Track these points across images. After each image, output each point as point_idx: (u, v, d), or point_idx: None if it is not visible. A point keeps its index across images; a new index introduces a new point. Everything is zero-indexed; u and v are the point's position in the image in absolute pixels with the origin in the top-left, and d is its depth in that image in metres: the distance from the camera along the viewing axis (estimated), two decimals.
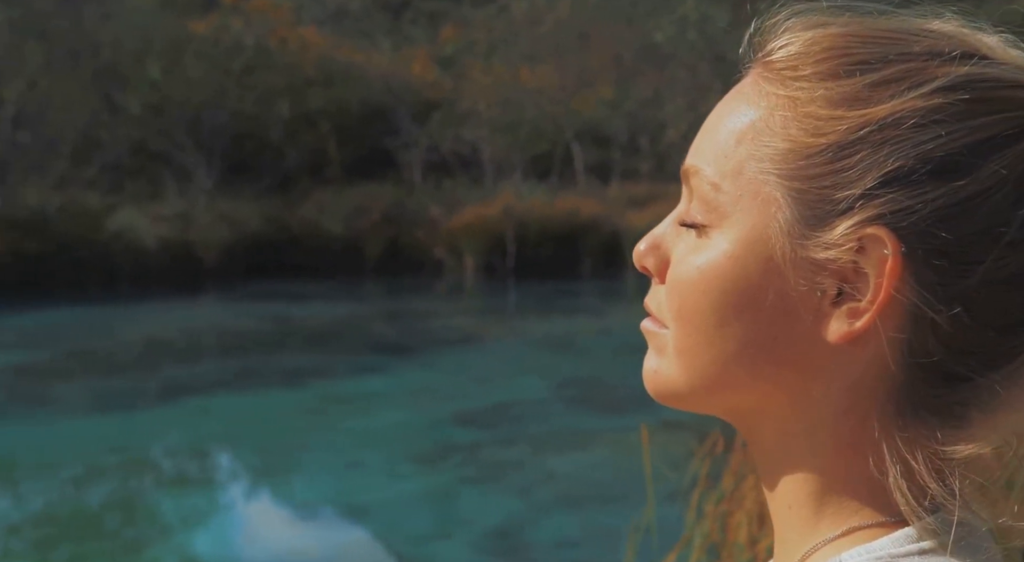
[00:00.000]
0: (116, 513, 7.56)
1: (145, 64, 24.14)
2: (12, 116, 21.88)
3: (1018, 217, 0.62)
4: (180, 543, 6.89)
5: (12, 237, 19.10)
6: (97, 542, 6.85)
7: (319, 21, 29.55)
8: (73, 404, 10.95)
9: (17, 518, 7.42)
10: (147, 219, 20.59)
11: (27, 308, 16.96)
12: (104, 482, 8.19)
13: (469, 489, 8.02)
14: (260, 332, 15.61)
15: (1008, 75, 0.64)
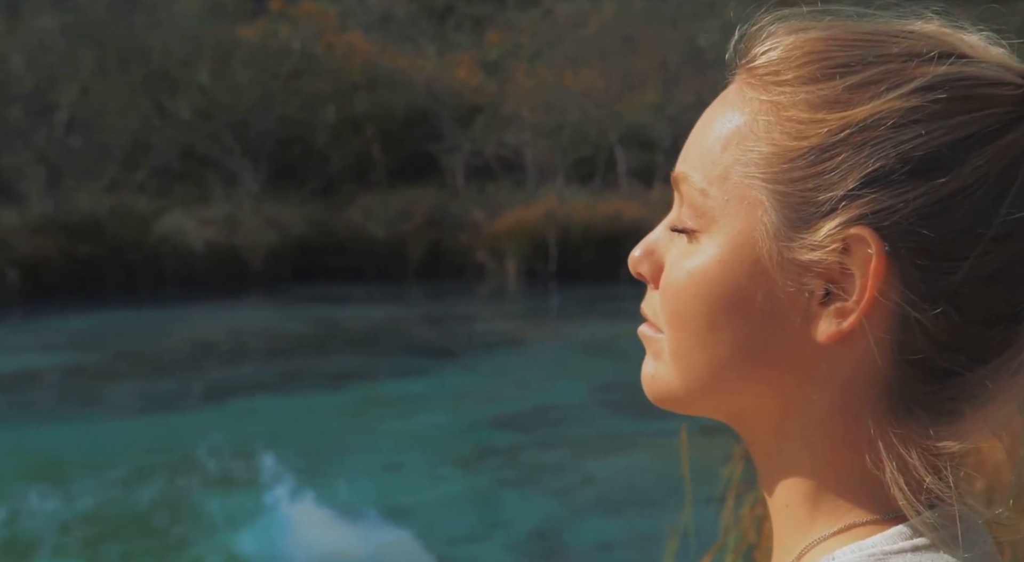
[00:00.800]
0: (163, 512, 7.66)
1: (194, 69, 24.44)
2: (65, 121, 22.25)
3: (1001, 213, 0.62)
4: (225, 542, 6.96)
5: (65, 240, 19.42)
6: (144, 540, 6.95)
7: (365, 27, 29.72)
8: (121, 405, 11.11)
9: (68, 516, 7.55)
10: (195, 222, 20.82)
11: (78, 310, 17.22)
12: (151, 482, 8.29)
13: (508, 492, 8.03)
14: (304, 335, 15.73)
15: (987, 73, 0.64)
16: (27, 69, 22.32)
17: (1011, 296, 0.64)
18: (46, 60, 22.41)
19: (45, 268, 18.78)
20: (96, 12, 23.55)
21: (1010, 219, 0.62)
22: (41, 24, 22.77)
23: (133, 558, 6.65)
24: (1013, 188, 0.63)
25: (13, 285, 18.48)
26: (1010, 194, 0.62)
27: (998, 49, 0.67)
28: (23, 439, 9.53)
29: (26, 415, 10.61)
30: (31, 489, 8.22)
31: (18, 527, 7.40)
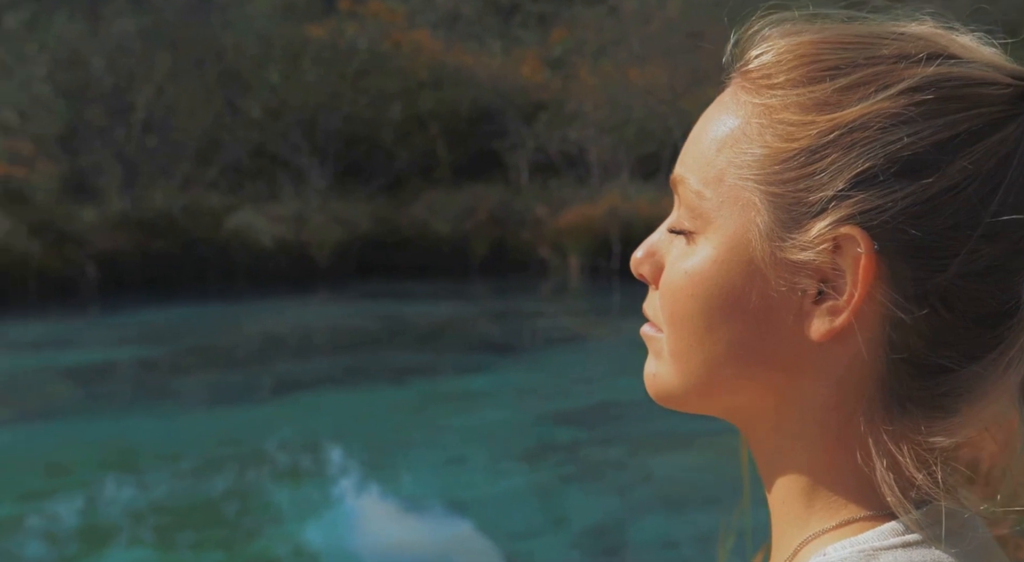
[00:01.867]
0: (232, 503, 7.81)
1: (265, 69, 24.82)
2: (142, 121, 22.77)
3: (989, 211, 0.62)
4: (292, 533, 7.07)
5: (140, 237, 19.88)
6: (214, 530, 7.08)
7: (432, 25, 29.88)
8: (193, 397, 11.35)
9: (141, 506, 7.74)
10: (264, 219, 21.15)
11: (152, 304, 17.58)
12: (221, 473, 8.45)
13: (569, 487, 8.06)
14: (369, 330, 15.86)
15: (975, 73, 0.64)
16: (106, 70, 22.90)
17: (1001, 293, 0.64)
18: (124, 61, 22.97)
19: (121, 263, 19.25)
20: (172, 14, 24.06)
21: (999, 218, 0.63)
22: (120, 27, 23.33)
23: (204, 547, 6.79)
24: (1002, 187, 0.63)
25: (91, 280, 18.98)
26: (999, 193, 0.63)
27: (990, 49, 0.67)
28: (99, 430, 9.78)
29: (102, 407, 10.87)
30: (107, 478, 8.44)
31: (95, 515, 7.64)
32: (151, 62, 22.97)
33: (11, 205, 19.54)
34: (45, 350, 14.27)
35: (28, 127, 22.31)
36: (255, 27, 25.50)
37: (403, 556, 6.85)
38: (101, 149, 22.20)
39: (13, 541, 6.90)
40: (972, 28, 0.68)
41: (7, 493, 7.87)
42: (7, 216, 19.11)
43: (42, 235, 18.99)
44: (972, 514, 0.68)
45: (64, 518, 7.58)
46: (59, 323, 16.52)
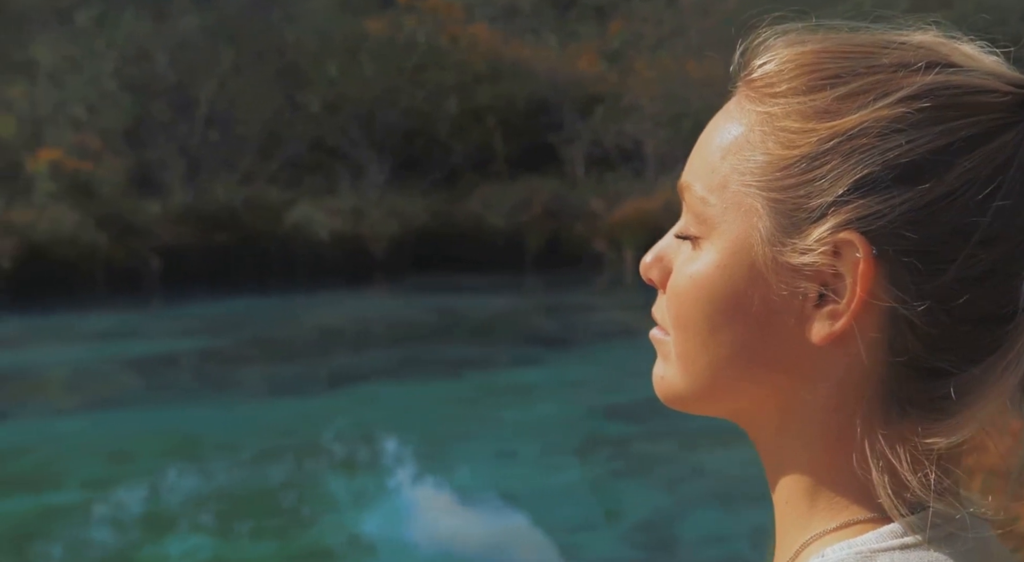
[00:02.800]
0: (289, 492, 7.96)
1: (324, 63, 25.04)
2: (205, 116, 23.13)
3: (987, 217, 0.63)
4: (347, 523, 7.20)
5: (202, 230, 20.22)
6: (272, 519, 7.25)
7: (490, 18, 29.92)
8: (252, 388, 11.57)
9: (201, 494, 7.93)
10: (323, 213, 21.36)
11: (214, 297, 17.86)
12: (278, 463, 8.60)
13: (620, 482, 8.08)
14: (425, 323, 15.98)
15: (973, 81, 0.65)
16: (171, 66, 23.30)
17: (999, 297, 0.64)
18: (188, 57, 23.34)
19: (184, 256, 19.60)
20: (234, 10, 24.39)
21: (996, 223, 0.63)
22: (185, 23, 23.72)
23: (262, 535, 6.94)
24: (999, 193, 0.63)
25: (155, 272, 19.37)
26: (996, 199, 0.63)
27: (992, 58, 0.68)
28: (162, 419, 10.01)
29: (165, 396, 11.13)
30: (169, 466, 8.64)
31: (157, 503, 7.85)
32: (214, 58, 23.31)
33: (79, 198, 19.99)
34: (111, 341, 14.63)
35: (96, 122, 22.77)
36: (315, 22, 25.74)
37: (455, 547, 6.92)
38: (165, 143, 22.59)
39: (79, 527, 7.13)
40: (974, 37, 0.69)
41: (73, 480, 8.12)
42: (75, 209, 19.56)
43: (108, 228, 19.42)
44: (974, 516, 0.68)
45: (127, 505, 7.79)
46: (124, 314, 16.90)
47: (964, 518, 0.66)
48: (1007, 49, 0.69)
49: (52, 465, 8.54)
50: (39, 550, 6.76)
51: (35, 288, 17.85)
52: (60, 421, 10.18)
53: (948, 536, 0.65)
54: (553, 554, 6.83)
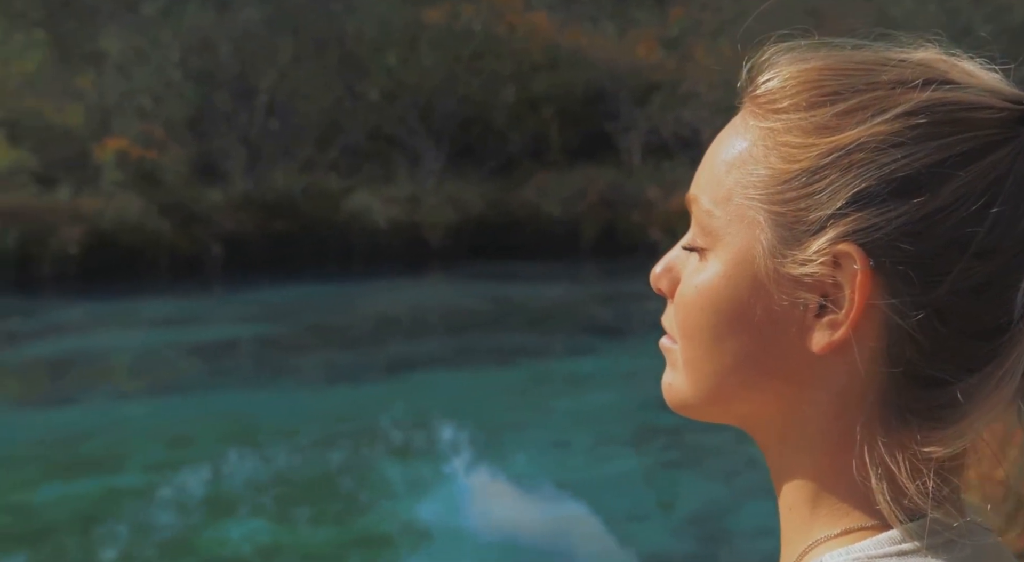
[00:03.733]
0: (347, 478, 8.08)
1: (384, 53, 25.20)
2: (265, 105, 23.42)
3: (982, 231, 0.64)
4: (402, 509, 7.29)
5: (262, 217, 20.49)
6: (330, 503, 7.37)
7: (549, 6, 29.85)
8: (310, 375, 11.72)
9: (260, 479, 8.09)
10: (380, 201, 21.52)
11: (273, 284, 18.13)
12: (336, 449, 8.72)
13: (672, 473, 8.07)
14: (480, 311, 16.04)
15: (969, 98, 0.66)
16: (233, 56, 23.61)
17: (994, 309, 0.65)
18: (250, 47, 23.63)
19: (244, 243, 19.89)
20: (295, 1, 24.64)
21: (991, 236, 0.64)
22: (246, 14, 24.01)
23: (318, 520, 7.06)
24: (994, 207, 0.64)
25: (216, 259, 19.69)
26: (991, 213, 0.64)
27: (991, 75, 0.69)
28: (222, 404, 10.20)
29: (225, 382, 11.34)
30: (228, 451, 8.81)
31: (217, 486, 8.02)
32: (275, 48, 23.57)
33: (144, 187, 20.37)
34: (174, 327, 14.92)
35: (161, 112, 23.16)
36: (374, 12, 25.90)
37: (509, 535, 6.97)
38: (227, 133, 22.89)
39: (141, 509, 7.30)
40: (974, 54, 0.70)
41: (136, 463, 8.31)
42: (140, 197, 19.95)
43: (172, 215, 19.78)
44: (976, 524, 0.69)
45: (188, 488, 7.95)
46: (186, 300, 17.21)
47: (963, 525, 0.67)
48: (1006, 66, 0.70)
49: (116, 448, 8.74)
50: (104, 531, 6.94)
51: (101, 274, 18.24)
52: (124, 405, 10.42)
53: (946, 543, 0.66)
54: (606, 544, 6.85)
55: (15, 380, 11.92)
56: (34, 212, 19.00)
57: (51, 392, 11.31)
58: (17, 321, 14.97)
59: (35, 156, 20.78)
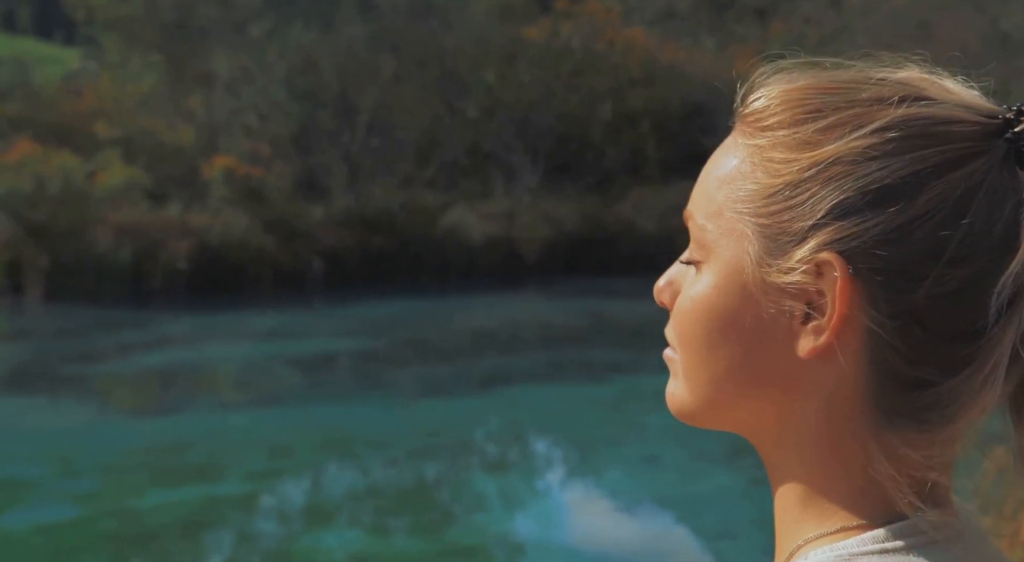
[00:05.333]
0: (439, 490, 8.17)
1: (482, 70, 25.47)
2: (366, 123, 23.87)
3: (955, 238, 0.67)
4: (496, 521, 7.34)
5: (361, 233, 20.87)
6: (424, 515, 7.44)
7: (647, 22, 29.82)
8: (406, 388, 11.88)
9: (356, 489, 8.21)
10: (476, 216, 21.73)
11: (371, 298, 18.43)
12: (430, 462, 8.81)
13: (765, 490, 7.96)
14: (574, 327, 16.05)
15: (943, 113, 0.69)
16: (336, 75, 24.15)
17: (971, 314, 0.67)
18: (352, 66, 24.14)
19: (344, 258, 20.29)
20: (396, 19, 25.09)
21: (965, 244, 0.67)
22: (349, 34, 24.54)
23: (414, 531, 7.15)
24: (967, 216, 0.67)
25: (317, 274, 20.13)
26: (965, 221, 0.67)
27: (970, 92, 0.72)
28: (320, 416, 10.40)
29: (323, 394, 11.58)
30: (326, 462, 8.97)
31: (314, 496, 8.19)
32: (376, 66, 24.03)
33: (250, 203, 20.95)
34: (275, 340, 15.30)
35: (266, 130, 23.81)
36: (473, 30, 26.20)
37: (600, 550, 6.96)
38: (329, 150, 23.40)
39: (240, 516, 7.52)
40: (957, 71, 0.73)
41: (237, 472, 8.54)
42: (246, 213, 20.52)
43: (275, 231, 20.29)
44: (965, 524, 0.72)
45: (286, 497, 8.14)
46: (288, 314, 17.63)
47: (949, 526, 0.69)
48: (983, 82, 0.73)
49: (218, 457, 8.99)
50: (205, 537, 7.15)
51: (208, 288, 18.80)
52: (226, 416, 10.72)
53: (929, 543, 0.68)
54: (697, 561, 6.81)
55: (127, 390, 12.37)
56: (146, 228, 19.70)
57: (159, 402, 11.72)
58: (129, 333, 15.53)
59: (147, 173, 21.55)
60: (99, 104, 24.89)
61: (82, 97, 26.01)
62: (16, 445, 9.29)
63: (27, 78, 29.20)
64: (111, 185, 20.63)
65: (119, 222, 19.58)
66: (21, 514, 7.40)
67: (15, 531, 6.98)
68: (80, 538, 6.92)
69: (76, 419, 10.43)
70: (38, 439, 9.52)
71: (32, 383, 12.42)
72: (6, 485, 8.03)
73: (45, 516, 7.30)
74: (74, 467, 8.62)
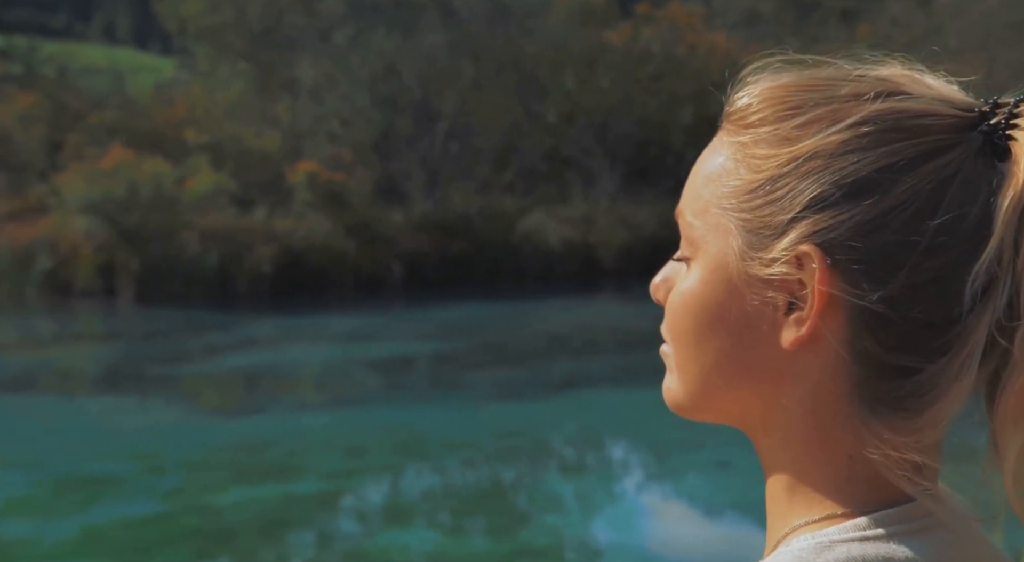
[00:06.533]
0: (513, 492, 8.19)
1: (562, 75, 25.50)
2: (446, 129, 24.08)
3: (930, 228, 0.68)
4: (569, 523, 7.33)
5: (439, 238, 21.06)
6: (498, 516, 7.48)
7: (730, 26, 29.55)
8: (481, 391, 11.96)
9: (433, 489, 8.28)
10: (554, 221, 21.78)
11: (448, 302, 18.56)
12: (503, 464, 8.85)
13: None
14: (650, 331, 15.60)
15: (918, 107, 0.70)
16: (416, 81, 24.40)
17: (946, 302, 0.68)
18: (432, 73, 24.37)
19: (422, 263, 20.49)
20: (477, 26, 25.24)
21: (939, 235, 0.68)
22: (430, 40, 24.78)
23: (489, 532, 7.19)
24: (942, 206, 0.68)
25: (397, 278, 20.37)
26: (939, 212, 0.68)
27: (949, 86, 0.73)
28: (397, 417, 10.53)
29: (400, 396, 11.72)
30: (401, 463, 9.07)
31: (389, 496, 8.30)
32: (456, 72, 24.21)
33: (332, 208, 21.30)
34: (355, 342, 15.53)
35: (349, 135, 24.16)
36: (553, 35, 26.23)
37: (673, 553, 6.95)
38: (408, 155, 23.66)
39: (317, 514, 7.67)
40: (938, 67, 0.74)
41: (315, 471, 8.71)
42: (328, 218, 20.88)
43: (356, 235, 20.60)
44: (953, 512, 0.72)
45: (363, 496, 8.27)
46: (367, 317, 17.84)
47: (935, 514, 0.70)
48: (968, 78, 0.75)
49: (296, 457, 9.17)
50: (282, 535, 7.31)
51: (290, 291, 19.15)
52: (305, 416, 10.92)
53: (912, 531, 0.69)
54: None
55: (212, 390, 12.70)
56: (232, 232, 20.17)
57: (242, 402, 12.00)
58: (215, 335, 15.92)
59: (234, 179, 22.04)
60: (189, 112, 25.56)
61: (174, 105, 26.73)
62: (105, 443, 9.61)
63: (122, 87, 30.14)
64: (199, 191, 21.16)
65: (206, 227, 20.08)
66: (108, 509, 7.64)
67: (101, 525, 7.21)
68: (163, 533, 7.12)
69: (163, 418, 10.73)
70: (126, 437, 9.83)
71: (122, 383, 12.82)
72: (95, 481, 8.31)
73: (130, 511, 7.52)
74: (159, 464, 8.88)
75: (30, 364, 14.23)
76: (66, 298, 20.03)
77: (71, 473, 8.47)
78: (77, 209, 20.18)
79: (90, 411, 11.22)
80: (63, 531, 7.08)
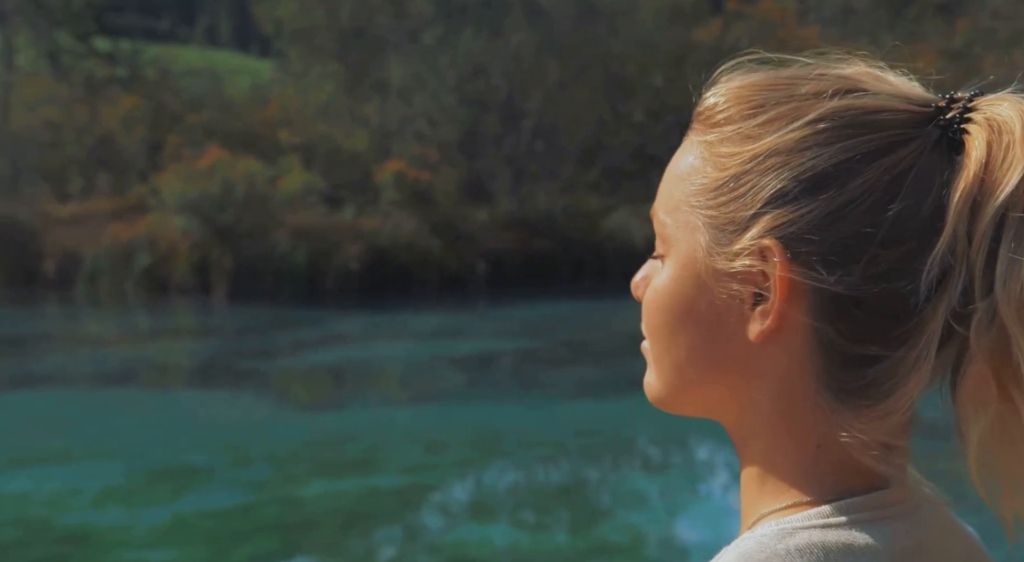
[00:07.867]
0: (594, 489, 8.15)
1: (649, 73, 25.35)
2: (531, 128, 24.15)
3: (885, 221, 0.69)
4: (645, 520, 7.35)
5: (523, 236, 21.14)
6: (577, 512, 7.52)
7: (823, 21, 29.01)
8: (560, 389, 12.00)
9: (512, 485, 8.32)
10: (638, 220, 21.66)
11: (532, 300, 18.63)
12: (581, 461, 8.88)
13: None
14: None
15: (874, 103, 0.72)
16: (503, 80, 24.53)
17: (904, 292, 0.70)
18: (518, 72, 24.47)
19: (506, 261, 20.59)
20: (564, 26, 25.26)
21: (895, 227, 0.70)
22: (517, 39, 24.87)
23: (568, 528, 7.24)
24: (897, 200, 0.70)
25: (481, 276, 20.50)
26: (894, 205, 0.70)
27: (908, 83, 0.75)
28: (477, 414, 10.62)
29: (480, 393, 11.81)
30: (482, 458, 9.12)
31: (468, 490, 8.39)
32: (543, 71, 24.26)
33: (418, 206, 21.55)
34: (439, 339, 15.70)
35: (436, 135, 24.40)
36: (641, 34, 26.09)
37: None
38: (494, 154, 23.79)
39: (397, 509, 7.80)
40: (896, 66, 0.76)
41: (395, 466, 8.86)
42: (414, 216, 21.13)
43: (442, 234, 20.80)
44: (921, 499, 0.75)
45: (442, 491, 8.38)
46: (452, 315, 18.00)
47: (901, 502, 0.72)
48: (935, 77, 0.78)
49: (378, 451, 9.34)
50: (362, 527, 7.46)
51: (377, 289, 19.43)
52: (388, 411, 11.11)
53: (875, 519, 0.71)
54: None
55: (300, 385, 12.98)
56: (321, 230, 20.56)
57: (328, 397, 12.25)
58: (305, 331, 16.26)
59: (324, 178, 22.46)
60: (283, 112, 26.11)
61: (268, 106, 27.34)
62: (196, 434, 9.92)
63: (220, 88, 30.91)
64: (291, 190, 21.61)
65: (297, 225, 20.50)
66: (194, 499, 7.88)
67: (187, 515, 7.45)
68: (246, 524, 7.32)
69: (252, 411, 11.02)
70: (216, 429, 10.12)
71: (215, 377, 13.18)
72: (182, 472, 8.59)
73: (216, 502, 7.75)
74: (246, 456, 9.13)
75: (129, 358, 14.73)
76: (164, 294, 20.64)
77: (165, 463, 8.76)
78: (175, 208, 20.76)
79: (184, 404, 11.57)
80: (155, 519, 7.33)
